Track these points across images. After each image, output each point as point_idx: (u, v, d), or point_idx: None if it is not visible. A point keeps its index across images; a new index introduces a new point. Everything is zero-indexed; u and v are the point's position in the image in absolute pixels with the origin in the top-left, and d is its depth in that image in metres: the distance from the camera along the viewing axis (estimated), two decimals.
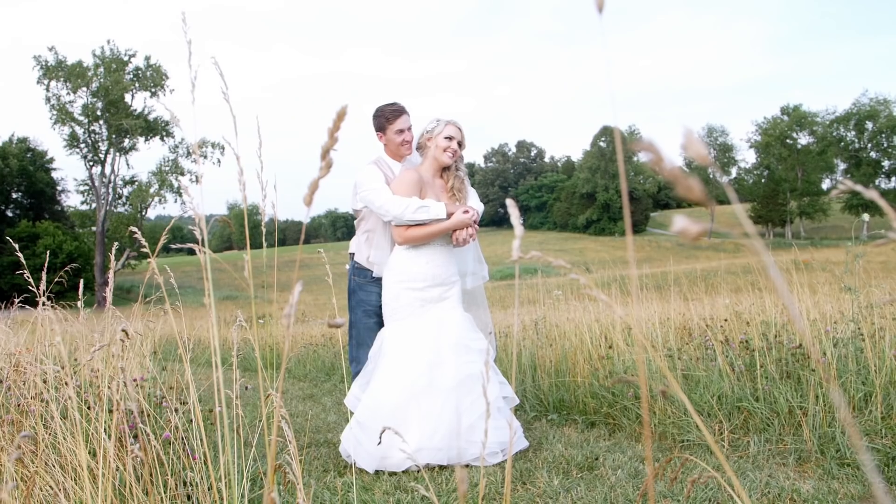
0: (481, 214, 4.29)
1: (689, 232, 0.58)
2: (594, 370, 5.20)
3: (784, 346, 4.48)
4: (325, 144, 0.74)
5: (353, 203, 4.58)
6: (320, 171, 0.72)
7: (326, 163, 0.72)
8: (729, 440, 4.00)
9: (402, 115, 4.43)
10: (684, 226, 0.59)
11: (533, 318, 7.12)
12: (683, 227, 0.59)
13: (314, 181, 0.73)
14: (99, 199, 55.58)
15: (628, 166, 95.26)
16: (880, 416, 3.69)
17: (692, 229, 0.58)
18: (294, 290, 0.70)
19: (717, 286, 8.53)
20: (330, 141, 0.72)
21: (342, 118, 0.70)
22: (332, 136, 0.71)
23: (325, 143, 0.74)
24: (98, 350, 1.45)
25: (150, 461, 2.23)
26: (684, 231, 0.58)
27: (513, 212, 0.85)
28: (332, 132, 0.71)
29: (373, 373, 4.15)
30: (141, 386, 3.70)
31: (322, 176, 0.73)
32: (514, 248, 0.75)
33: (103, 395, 2.28)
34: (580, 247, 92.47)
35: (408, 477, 3.73)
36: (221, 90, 1.25)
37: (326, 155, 0.72)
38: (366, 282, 4.47)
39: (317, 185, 0.73)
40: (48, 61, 52.55)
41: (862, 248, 4.83)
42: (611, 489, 3.31)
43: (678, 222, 0.59)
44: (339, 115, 0.70)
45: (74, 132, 54.07)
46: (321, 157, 0.72)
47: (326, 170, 0.72)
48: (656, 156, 0.59)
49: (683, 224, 0.59)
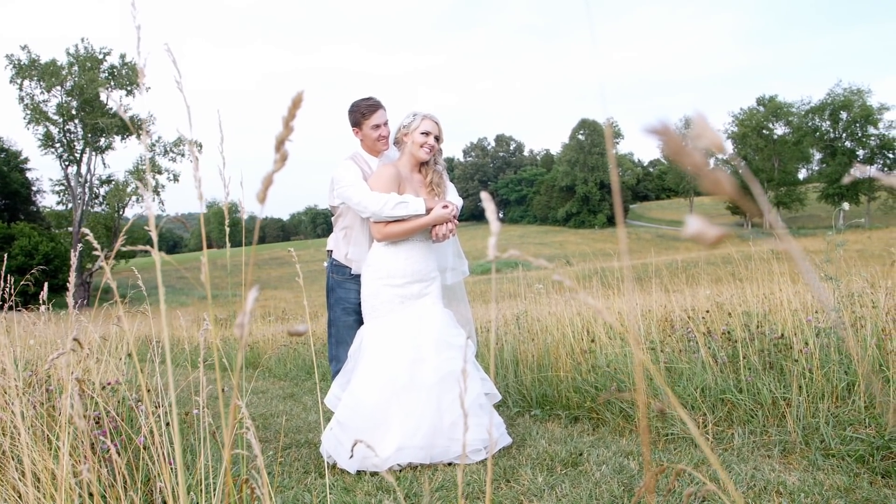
0: (460, 209, 4.23)
1: (705, 237, 0.47)
2: (577, 364, 5.16)
3: (766, 336, 4.46)
4: (279, 134, 0.67)
5: (329, 199, 4.51)
6: (275, 164, 0.64)
7: (281, 155, 0.63)
8: (713, 432, 3.97)
9: (377, 109, 4.36)
10: (699, 229, 0.48)
11: (514, 312, 7.07)
12: (698, 232, 0.48)
13: (268, 175, 0.65)
14: (75, 199, 54.96)
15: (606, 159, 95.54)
16: (863, 405, 3.67)
17: (710, 233, 0.47)
18: (248, 297, 0.64)
19: (697, 277, 8.52)
20: (285, 130, 0.64)
21: (298, 105, 0.62)
22: (287, 126, 0.63)
23: (280, 132, 0.66)
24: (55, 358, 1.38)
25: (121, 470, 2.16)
26: (700, 236, 0.48)
27: (488, 206, 0.78)
28: (286, 121, 0.62)
29: (353, 371, 4.08)
30: (115, 389, 3.62)
31: (277, 170, 0.64)
32: (490, 247, 0.69)
33: (64, 403, 2.20)
34: (560, 240, 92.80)
35: (390, 477, 3.67)
36: (175, 79, 1.18)
37: (281, 146, 0.63)
38: (344, 279, 4.39)
39: (271, 179, 0.65)
40: (21, 60, 51.82)
41: (842, 237, 4.82)
42: (595, 485, 3.27)
43: (692, 225, 0.48)
44: (295, 101, 0.61)
45: (49, 132, 53.41)
46: (275, 148, 0.63)
47: (281, 163, 0.64)
48: (674, 144, 0.48)
49: (698, 227, 0.48)
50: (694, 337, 4.76)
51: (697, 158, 0.49)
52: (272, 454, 4.31)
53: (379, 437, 3.82)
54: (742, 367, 4.27)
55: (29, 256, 49.71)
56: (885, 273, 5.90)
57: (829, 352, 4.08)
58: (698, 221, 0.48)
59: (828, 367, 3.95)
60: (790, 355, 4.16)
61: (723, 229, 0.49)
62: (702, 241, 0.48)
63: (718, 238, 0.48)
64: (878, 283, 5.28)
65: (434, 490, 3.39)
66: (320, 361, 8.97)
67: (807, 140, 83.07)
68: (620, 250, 0.67)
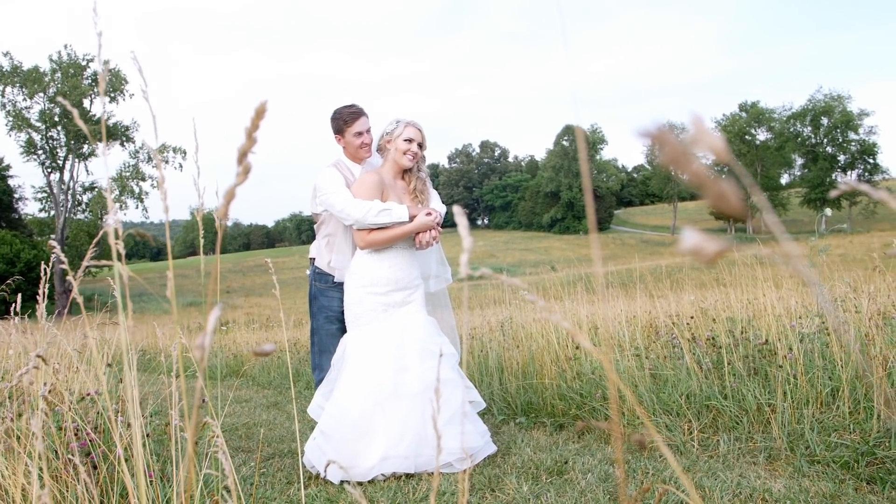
0: (444, 216, 4.21)
1: (704, 252, 0.42)
2: (562, 371, 5.15)
3: (750, 342, 4.46)
4: (241, 146, 0.63)
5: (312, 207, 4.47)
6: (237, 177, 0.59)
7: (244, 168, 0.59)
8: (699, 439, 3.96)
9: (360, 117, 4.33)
10: (696, 244, 0.42)
11: (499, 318, 7.05)
12: (695, 247, 0.42)
13: (229, 189, 0.61)
14: (58, 207, 54.52)
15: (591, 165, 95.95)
16: (847, 411, 3.67)
17: (708, 249, 0.41)
18: (210, 317, 0.60)
19: (681, 282, 8.54)
20: (248, 142, 0.62)
21: (261, 116, 0.58)
22: (251, 137, 0.59)
23: (242, 144, 0.63)
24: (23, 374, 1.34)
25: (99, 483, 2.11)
26: (697, 251, 0.42)
27: (460, 221, 0.75)
28: (249, 132, 0.59)
29: (336, 380, 4.04)
30: (94, 400, 3.56)
31: (238, 183, 0.60)
32: (462, 264, 0.66)
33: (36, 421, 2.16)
34: (545, 245, 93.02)
35: (374, 487, 3.63)
36: (141, 88, 1.15)
37: (244, 158, 0.59)
38: (327, 287, 4.35)
39: (233, 193, 0.61)
40: (3, 67, 51.43)
41: (825, 242, 4.84)
42: (581, 494, 3.24)
43: (688, 239, 0.42)
44: (258, 112, 0.57)
45: (31, 138, 53.03)
46: (238, 160, 0.59)
47: (244, 175, 0.60)
48: (672, 150, 0.42)
49: (695, 242, 0.42)
50: (679, 343, 4.76)
51: (698, 166, 0.43)
52: (253, 465, 4.26)
53: (363, 447, 3.78)
54: (727, 374, 4.26)
55: (10, 264, 49.23)
56: (867, 277, 5.92)
57: (813, 357, 4.08)
58: (696, 236, 0.43)
59: (812, 373, 3.94)
60: (774, 361, 4.16)
61: (722, 244, 0.43)
62: (700, 258, 0.43)
63: (718, 254, 0.43)
64: (860, 288, 5.30)
65: (418, 500, 3.36)
66: (304, 370, 8.91)
67: (789, 145, 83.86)
68: (593, 256, 0.64)
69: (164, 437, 3.68)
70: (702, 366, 4.42)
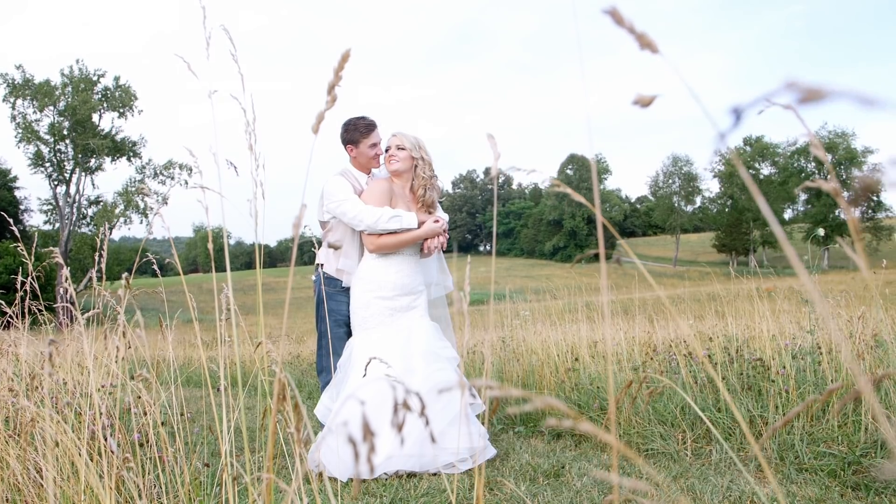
0: (447, 224, 4.40)
1: None
2: (560, 382, 5.28)
3: (745, 359, 4.60)
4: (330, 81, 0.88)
5: (319, 214, 4.62)
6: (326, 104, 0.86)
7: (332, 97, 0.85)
8: (692, 448, 4.09)
9: (375, 129, 4.51)
10: None
11: (500, 335, 7.19)
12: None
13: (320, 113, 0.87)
14: (63, 219, 54.80)
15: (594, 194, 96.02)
16: (836, 424, 3.80)
17: None
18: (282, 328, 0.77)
19: (682, 312, 8.71)
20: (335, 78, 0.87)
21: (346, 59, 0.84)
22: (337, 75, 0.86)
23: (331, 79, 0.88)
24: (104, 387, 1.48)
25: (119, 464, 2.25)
26: None
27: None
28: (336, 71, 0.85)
29: (342, 382, 4.18)
30: (110, 392, 3.69)
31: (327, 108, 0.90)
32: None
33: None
34: (547, 273, 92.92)
35: (377, 484, 3.76)
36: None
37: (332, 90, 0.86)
38: (336, 291, 4.50)
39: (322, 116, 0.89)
40: (15, 79, 51.99)
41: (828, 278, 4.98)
42: (576, 494, 3.37)
43: None
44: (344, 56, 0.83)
45: (40, 151, 53.42)
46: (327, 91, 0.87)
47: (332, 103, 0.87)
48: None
49: None
50: (675, 359, 4.90)
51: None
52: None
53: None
54: (721, 388, 4.38)
55: (14, 275, 49.25)
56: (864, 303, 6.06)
57: (805, 374, 4.23)
58: None
59: (803, 388, 4.08)
60: (767, 376, 4.30)
61: None
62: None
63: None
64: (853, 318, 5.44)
65: (419, 496, 3.48)
66: (307, 381, 9.02)
67: (792, 181, 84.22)
68: (601, 285, 0.78)
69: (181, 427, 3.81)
70: (697, 380, 4.55)
